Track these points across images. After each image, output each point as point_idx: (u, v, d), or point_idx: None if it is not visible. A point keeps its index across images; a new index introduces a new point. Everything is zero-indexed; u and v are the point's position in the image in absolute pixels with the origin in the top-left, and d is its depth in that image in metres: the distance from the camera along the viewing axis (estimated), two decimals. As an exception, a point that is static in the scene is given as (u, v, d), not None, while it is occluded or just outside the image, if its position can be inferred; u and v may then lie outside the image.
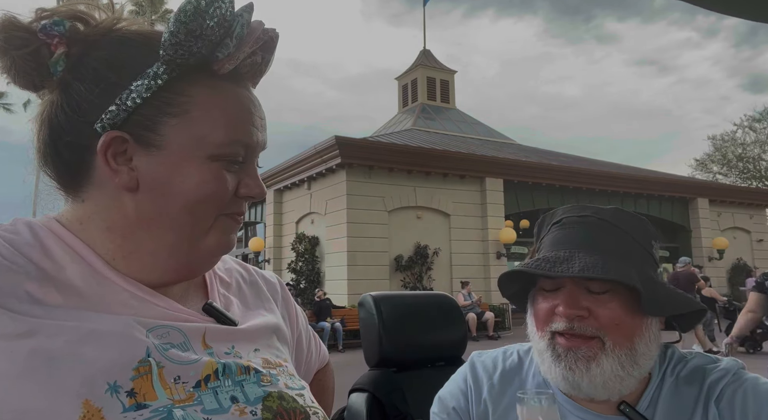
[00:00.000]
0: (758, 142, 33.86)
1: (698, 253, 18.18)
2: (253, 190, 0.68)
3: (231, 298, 0.78)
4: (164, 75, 0.63)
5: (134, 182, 0.63)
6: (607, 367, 0.83)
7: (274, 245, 16.49)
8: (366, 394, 1.28)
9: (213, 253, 0.69)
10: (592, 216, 0.93)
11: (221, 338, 0.69)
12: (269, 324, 0.79)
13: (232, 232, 0.69)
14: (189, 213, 0.64)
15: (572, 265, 0.84)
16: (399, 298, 1.41)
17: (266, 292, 0.86)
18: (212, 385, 0.62)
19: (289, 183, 15.66)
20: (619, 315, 0.84)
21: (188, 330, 0.66)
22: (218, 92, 0.66)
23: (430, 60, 21.83)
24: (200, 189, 0.64)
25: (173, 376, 0.60)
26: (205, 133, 0.64)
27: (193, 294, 0.74)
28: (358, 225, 13.30)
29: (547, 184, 15.91)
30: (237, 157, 0.66)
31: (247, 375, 0.67)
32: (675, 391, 0.87)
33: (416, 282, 13.58)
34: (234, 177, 0.67)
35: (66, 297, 0.59)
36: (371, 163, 13.43)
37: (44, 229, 0.64)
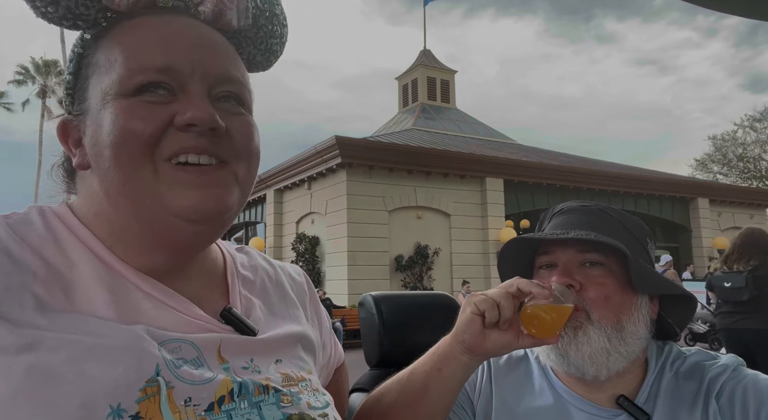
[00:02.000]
0: (759, 142, 33.84)
1: (698, 253, 18.17)
2: (185, 114, 0.56)
3: (253, 300, 0.71)
4: (79, 40, 0.62)
5: (84, 159, 0.60)
6: (594, 337, 0.85)
7: (274, 245, 16.48)
8: (366, 394, 1.27)
9: (179, 212, 0.57)
10: (593, 207, 0.98)
11: (239, 350, 0.62)
12: (294, 332, 0.72)
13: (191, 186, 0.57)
14: (119, 166, 0.56)
15: (567, 234, 0.89)
16: (399, 298, 1.41)
17: (292, 295, 0.78)
18: (226, 408, 0.56)
19: (289, 183, 15.66)
20: (608, 290, 0.88)
21: (202, 343, 0.59)
22: (125, 30, 0.60)
23: (431, 60, 21.82)
24: (113, 129, 0.55)
25: (184, 398, 0.54)
26: (109, 75, 0.57)
27: (212, 293, 0.67)
28: (358, 225, 13.30)
29: (548, 184, 15.90)
30: (151, 85, 0.56)
31: (266, 395, 0.60)
32: (675, 386, 0.88)
33: (416, 282, 13.58)
34: (166, 109, 0.57)
35: (73, 301, 0.55)
36: (371, 162, 13.43)
37: (57, 218, 0.60)
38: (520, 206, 15.81)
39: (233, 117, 0.61)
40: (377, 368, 1.34)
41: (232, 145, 0.60)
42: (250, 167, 0.62)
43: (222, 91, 0.60)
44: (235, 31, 0.66)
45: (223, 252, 0.74)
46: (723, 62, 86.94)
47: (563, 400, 0.92)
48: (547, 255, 0.94)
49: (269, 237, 16.74)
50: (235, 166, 0.60)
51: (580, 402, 0.90)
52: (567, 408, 0.91)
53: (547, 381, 0.96)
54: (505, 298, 0.77)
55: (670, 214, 18.31)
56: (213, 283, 0.68)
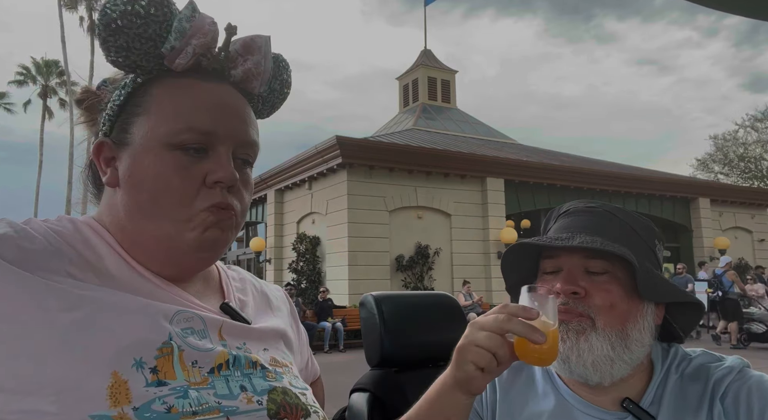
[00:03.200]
0: (760, 142, 33.81)
1: (699, 253, 18.16)
2: (217, 174, 0.69)
3: (246, 300, 0.84)
4: (131, 82, 0.73)
5: (115, 179, 0.71)
6: (596, 344, 0.84)
7: (275, 245, 16.49)
8: (367, 394, 1.27)
9: (196, 247, 0.70)
10: (599, 208, 0.95)
11: (235, 334, 0.74)
12: (278, 329, 0.84)
13: (212, 226, 0.70)
14: (155, 202, 0.68)
15: (572, 241, 0.86)
16: (400, 298, 1.41)
17: (276, 303, 0.91)
18: (224, 374, 0.67)
19: (290, 183, 15.66)
20: (614, 297, 0.86)
21: (208, 320, 0.71)
22: (177, 88, 0.72)
23: (431, 60, 21.82)
24: (159, 177, 0.68)
25: (191, 360, 0.65)
26: (158, 123, 0.69)
27: (210, 295, 0.79)
28: (359, 225, 13.30)
29: (548, 184, 15.90)
30: (193, 143, 0.69)
31: (254, 369, 0.71)
32: (680, 389, 0.87)
33: (417, 282, 13.57)
34: (200, 168, 0.69)
35: (103, 280, 0.66)
36: (372, 163, 13.43)
37: (85, 225, 0.72)
38: (520, 206, 15.81)
39: (242, 172, 0.75)
40: (378, 368, 1.34)
41: (239, 197, 0.74)
42: (245, 213, 0.77)
43: (242, 153, 0.74)
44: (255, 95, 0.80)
45: (217, 266, 0.89)
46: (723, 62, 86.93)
47: (568, 403, 0.91)
48: (551, 259, 0.92)
49: (270, 237, 16.75)
50: (238, 211, 0.74)
51: (585, 406, 0.89)
52: (572, 412, 0.90)
53: (552, 384, 0.95)
54: (500, 346, 0.74)
55: (670, 214, 18.30)
56: (211, 288, 0.81)
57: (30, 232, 0.65)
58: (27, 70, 31.51)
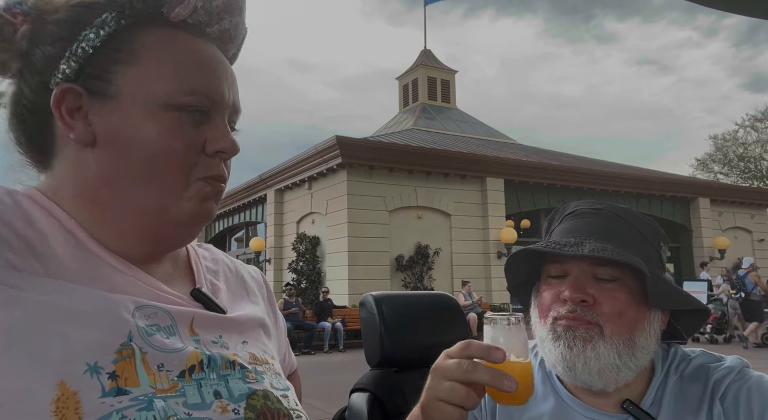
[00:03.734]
0: (760, 142, 33.82)
1: (699, 253, 18.16)
2: (219, 143, 0.63)
3: (219, 285, 0.75)
4: (113, 22, 0.61)
5: (90, 136, 0.60)
6: (604, 353, 0.82)
7: (275, 245, 16.49)
8: (367, 393, 1.27)
9: (189, 219, 0.64)
10: (606, 210, 0.93)
11: (209, 326, 0.65)
12: (256, 317, 0.75)
13: (209, 198, 0.65)
14: (151, 167, 0.60)
15: (582, 248, 0.83)
16: (400, 298, 1.41)
17: (253, 287, 0.82)
18: (196, 377, 0.59)
19: (289, 183, 15.66)
20: (623, 305, 0.84)
21: (176, 314, 0.62)
22: (174, 41, 0.63)
23: (431, 60, 21.82)
24: (158, 141, 0.60)
25: (157, 363, 0.57)
26: (157, 80, 0.61)
27: (179, 279, 0.70)
28: (358, 225, 13.30)
29: (548, 184, 15.90)
30: (197, 107, 0.62)
31: (232, 370, 0.63)
32: (680, 389, 0.87)
33: (417, 282, 13.58)
34: (199, 132, 0.62)
35: (48, 268, 0.56)
36: (372, 163, 13.43)
37: (26, 198, 0.61)
38: (520, 206, 15.81)
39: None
40: (378, 368, 1.34)
41: (227, 168, 0.68)
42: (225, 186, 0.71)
43: (233, 120, 0.68)
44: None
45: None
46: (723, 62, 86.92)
47: (567, 406, 0.90)
48: (558, 264, 0.89)
49: (270, 237, 16.75)
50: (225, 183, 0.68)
51: (585, 409, 0.89)
52: (572, 415, 0.89)
53: (551, 387, 0.94)
54: (466, 399, 0.65)
55: (670, 214, 18.30)
56: (179, 270, 0.72)
57: None
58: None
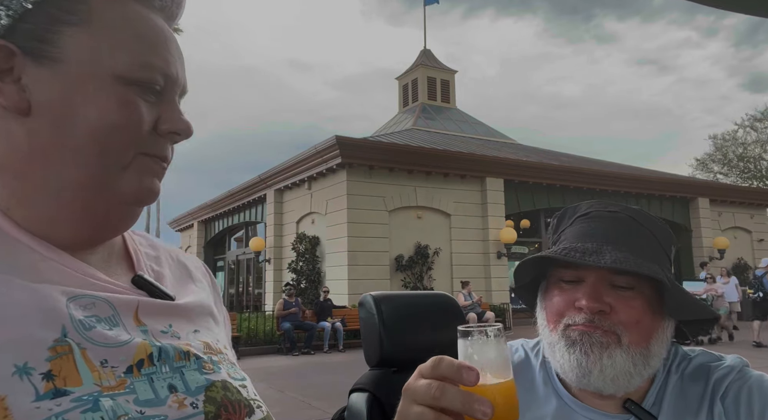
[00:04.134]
0: (759, 142, 33.84)
1: (699, 253, 18.17)
2: (176, 125, 0.59)
3: (162, 271, 0.68)
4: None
5: (25, 103, 0.53)
6: (620, 362, 0.81)
7: (274, 245, 16.49)
8: (366, 394, 1.27)
9: (131, 199, 0.58)
10: (621, 212, 0.91)
11: (157, 314, 0.59)
12: (205, 304, 0.70)
13: (154, 175, 0.59)
14: (96, 144, 0.54)
15: (603, 257, 0.81)
16: (399, 298, 1.41)
17: (197, 274, 0.76)
18: (147, 372, 0.53)
19: (289, 183, 15.66)
20: (639, 314, 0.83)
21: (118, 303, 0.56)
22: (127, 8, 0.58)
23: (431, 60, 21.83)
24: (108, 115, 0.54)
25: (100, 359, 0.50)
26: (111, 49, 0.55)
27: (116, 266, 0.63)
28: (358, 225, 13.30)
29: (548, 184, 15.90)
30: (153, 84, 0.57)
31: (187, 361, 0.58)
32: (680, 389, 0.87)
33: (417, 282, 13.58)
34: (152, 110, 0.57)
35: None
36: (372, 162, 13.43)
37: None
38: (520, 206, 15.81)
39: None
40: (377, 368, 1.34)
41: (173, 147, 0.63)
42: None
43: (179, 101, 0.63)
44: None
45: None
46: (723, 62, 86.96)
47: (569, 409, 0.89)
48: (572, 269, 0.87)
49: (269, 237, 16.75)
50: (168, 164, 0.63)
51: (587, 410, 0.88)
52: (573, 417, 0.88)
53: (553, 388, 0.93)
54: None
55: (670, 214, 18.31)
56: (116, 257, 0.64)
57: None
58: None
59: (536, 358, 0.98)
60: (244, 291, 19.95)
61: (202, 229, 23.29)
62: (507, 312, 13.65)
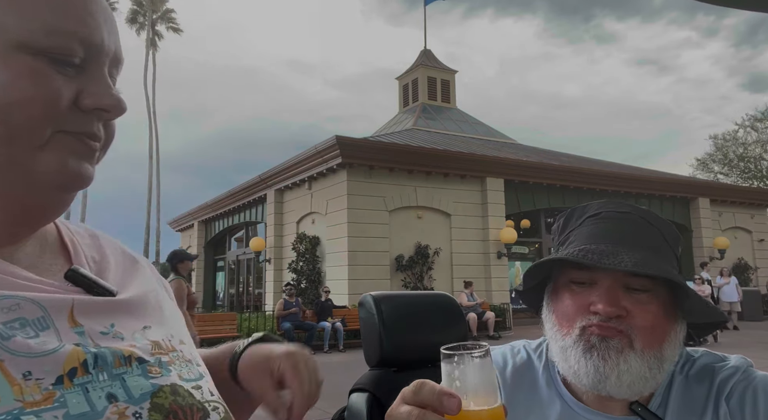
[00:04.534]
0: (759, 142, 33.83)
1: (699, 253, 18.15)
2: (102, 100, 0.52)
3: (105, 262, 0.62)
4: None
5: None
6: (635, 366, 0.80)
7: (274, 245, 16.48)
8: (366, 394, 1.27)
9: (52, 183, 0.51)
10: (633, 213, 0.90)
11: (96, 312, 0.53)
12: (155, 294, 0.64)
13: (77, 154, 0.52)
14: (4, 125, 0.48)
15: (621, 259, 0.79)
16: (399, 298, 1.41)
17: (143, 263, 0.69)
18: (80, 381, 0.47)
19: (289, 183, 15.66)
20: (654, 318, 0.82)
21: (48, 303, 0.50)
22: None
23: (431, 60, 21.82)
24: (10, 90, 0.48)
25: (22, 372, 0.45)
26: (9, 13, 0.49)
27: (51, 261, 0.57)
28: (358, 225, 13.30)
29: (548, 184, 15.90)
30: (68, 53, 0.50)
31: (128, 366, 0.52)
32: (685, 390, 0.86)
33: (417, 282, 13.57)
34: (71, 84, 0.51)
35: None
36: (372, 162, 13.43)
37: None
38: (520, 206, 15.81)
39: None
40: (377, 368, 1.34)
41: (108, 126, 0.56)
42: (107, 149, 0.58)
43: (114, 73, 0.56)
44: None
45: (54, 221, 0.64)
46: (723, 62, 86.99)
47: (573, 412, 0.88)
48: (583, 271, 0.84)
49: (270, 237, 16.74)
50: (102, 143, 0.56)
51: (592, 413, 0.87)
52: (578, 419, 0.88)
53: (556, 391, 0.92)
54: None
55: (670, 214, 18.30)
56: (50, 252, 0.58)
57: None
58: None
59: (539, 360, 0.97)
60: (245, 291, 19.94)
61: (203, 229, 23.29)
62: (507, 312, 13.65)
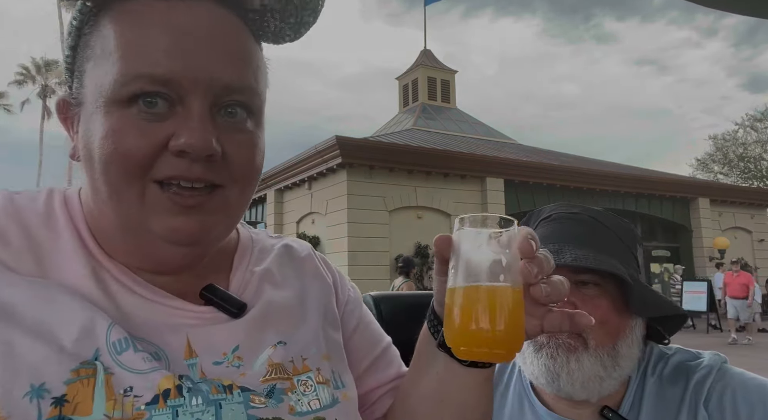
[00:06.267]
0: (759, 142, 33.82)
1: (699, 253, 18.14)
2: (180, 139, 0.50)
3: (261, 269, 0.64)
4: (78, 12, 0.52)
5: (75, 149, 0.55)
6: (587, 365, 0.80)
7: (274, 245, 16.47)
8: (366, 394, 1.27)
9: (162, 235, 0.52)
10: (582, 213, 0.91)
11: (218, 337, 0.55)
12: (317, 300, 0.65)
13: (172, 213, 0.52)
14: (104, 177, 0.50)
15: (563, 256, 0.81)
16: (399, 298, 1.41)
17: (306, 264, 0.70)
18: (172, 403, 0.48)
19: (289, 183, 15.65)
20: (605, 313, 0.82)
21: (168, 347, 0.52)
22: (127, 12, 0.51)
23: (431, 60, 21.81)
24: (104, 144, 0.49)
25: (124, 387, 0.47)
26: (105, 71, 0.50)
27: (213, 276, 0.61)
28: (358, 225, 13.29)
29: (548, 184, 15.89)
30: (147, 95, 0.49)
31: (228, 393, 0.51)
32: (658, 392, 0.85)
33: (417, 282, 13.57)
34: (161, 127, 0.50)
35: (42, 266, 0.51)
36: (372, 163, 13.42)
37: (61, 199, 0.58)
38: (520, 206, 15.80)
39: (235, 136, 0.54)
40: (377, 368, 1.34)
41: (228, 170, 0.53)
42: (246, 190, 0.56)
43: (229, 101, 0.53)
44: (258, 8, 0.56)
45: (238, 230, 0.68)
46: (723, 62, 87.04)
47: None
48: None
49: (270, 237, 16.73)
50: (228, 190, 0.54)
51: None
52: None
53: (529, 403, 0.91)
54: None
55: (670, 214, 18.29)
56: (214, 268, 0.62)
57: None
58: (27, 70, 31.57)
59: (512, 372, 0.96)
60: (245, 291, 19.90)
61: (203, 229, 23.27)
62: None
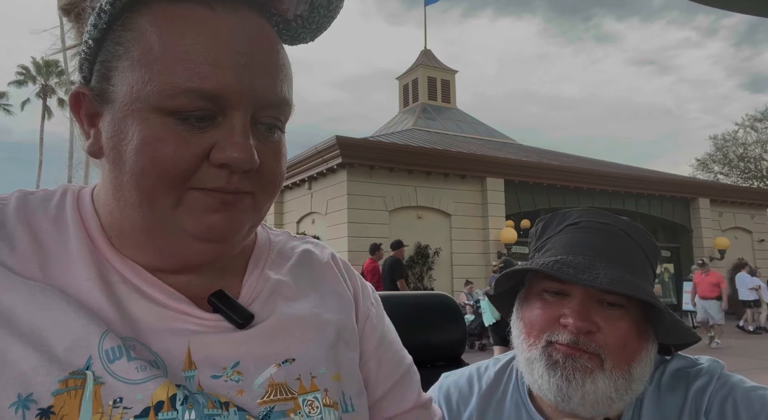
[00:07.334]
0: (760, 142, 33.82)
1: (699, 253, 18.13)
2: (224, 153, 0.50)
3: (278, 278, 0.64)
4: (108, 5, 0.50)
5: (97, 146, 0.54)
6: (602, 387, 0.78)
7: (274, 245, 16.47)
8: (366, 394, 1.27)
9: (193, 233, 0.52)
10: (613, 225, 0.87)
11: (219, 349, 0.53)
12: (331, 318, 0.63)
13: (210, 211, 0.52)
14: (137, 183, 0.50)
15: (597, 275, 0.77)
16: (399, 298, 1.41)
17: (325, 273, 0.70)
18: (164, 417, 0.46)
19: (289, 183, 15.66)
20: (626, 335, 0.79)
21: (167, 355, 0.51)
22: (172, 19, 0.50)
23: (431, 60, 21.81)
24: (142, 152, 0.49)
25: (113, 398, 0.46)
26: (146, 77, 0.49)
27: (229, 278, 0.61)
28: (358, 225, 13.29)
29: (548, 184, 15.89)
30: (195, 110, 0.49)
31: (224, 411, 0.49)
32: (657, 400, 0.83)
33: (417, 282, 13.56)
34: (203, 138, 0.50)
35: (46, 270, 0.51)
36: (372, 162, 13.42)
37: (74, 198, 0.58)
38: (520, 206, 15.80)
39: (268, 146, 0.55)
40: (377, 368, 1.34)
41: (260, 179, 0.55)
42: (273, 194, 0.58)
43: (266, 115, 0.54)
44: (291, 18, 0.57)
45: (258, 235, 0.68)
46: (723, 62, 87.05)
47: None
48: (557, 281, 0.82)
49: (270, 237, 16.73)
50: (258, 196, 0.56)
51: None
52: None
53: (527, 414, 0.89)
54: None
55: (670, 214, 18.28)
56: (231, 270, 0.62)
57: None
58: (26, 70, 31.59)
59: (509, 379, 0.94)
60: (245, 291, 19.91)
61: (203, 229, 23.28)
62: (507, 312, 13.64)
